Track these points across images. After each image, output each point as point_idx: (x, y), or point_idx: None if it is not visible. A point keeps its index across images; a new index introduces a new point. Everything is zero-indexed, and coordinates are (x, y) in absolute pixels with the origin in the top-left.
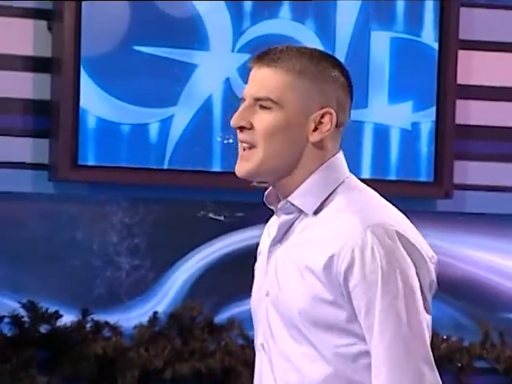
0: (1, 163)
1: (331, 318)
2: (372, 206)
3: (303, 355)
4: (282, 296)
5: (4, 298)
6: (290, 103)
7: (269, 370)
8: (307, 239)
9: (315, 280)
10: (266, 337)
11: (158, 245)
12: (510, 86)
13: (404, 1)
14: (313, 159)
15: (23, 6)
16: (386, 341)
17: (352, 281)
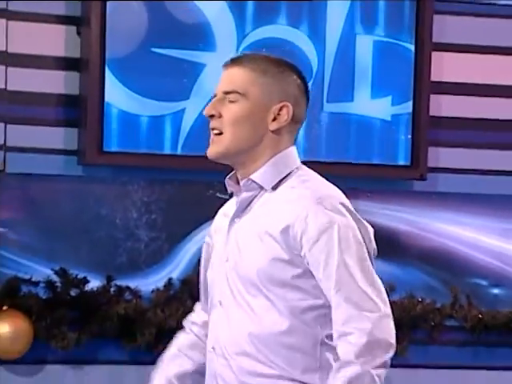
0: (37, 149)
1: (286, 276)
2: (320, 184)
3: (259, 307)
4: (242, 259)
5: (40, 266)
6: (253, 96)
7: (225, 323)
8: (266, 211)
9: (274, 243)
10: (224, 294)
11: (172, 219)
12: (477, 83)
13: (385, 8)
14: (271, 146)
15: (56, 13)
16: (342, 290)
17: (308, 243)
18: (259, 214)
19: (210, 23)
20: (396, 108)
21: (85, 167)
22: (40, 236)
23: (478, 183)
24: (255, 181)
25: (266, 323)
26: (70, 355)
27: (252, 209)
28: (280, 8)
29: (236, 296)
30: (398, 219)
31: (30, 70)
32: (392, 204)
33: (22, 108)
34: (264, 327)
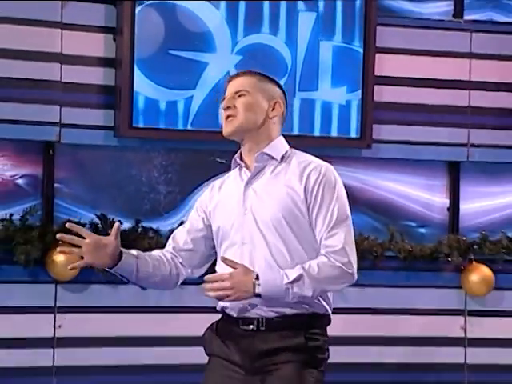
0: (83, 125)
1: (297, 218)
2: (310, 156)
3: (277, 248)
4: (266, 206)
5: (86, 212)
6: (256, 93)
7: (248, 260)
8: (280, 173)
9: (291, 191)
10: (244, 238)
11: (183, 178)
12: (410, 77)
13: (341, 21)
14: (269, 132)
15: (98, 25)
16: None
17: (312, 192)
18: (276, 177)
19: (212, 32)
20: (349, 95)
21: (119, 139)
22: (86, 190)
23: (410, 151)
24: (268, 153)
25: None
26: (108, 277)
27: (264, 175)
28: (263, 21)
29: (257, 242)
30: (351, 178)
31: (78, 67)
32: (346, 166)
33: (73, 95)
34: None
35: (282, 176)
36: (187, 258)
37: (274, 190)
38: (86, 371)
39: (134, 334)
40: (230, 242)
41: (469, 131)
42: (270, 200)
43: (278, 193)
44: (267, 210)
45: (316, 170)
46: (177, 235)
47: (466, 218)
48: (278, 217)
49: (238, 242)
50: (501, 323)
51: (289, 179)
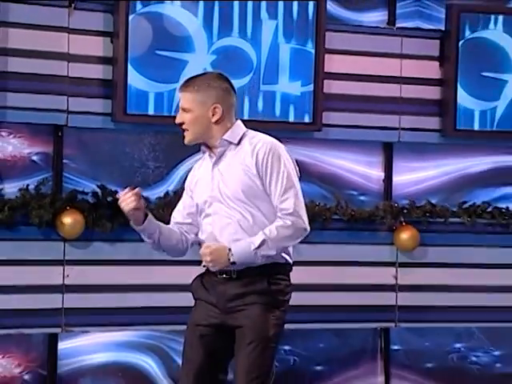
0: (86, 112)
1: (254, 190)
2: (263, 136)
3: (241, 216)
4: (228, 184)
5: (89, 182)
6: (196, 108)
7: (218, 228)
8: (238, 155)
9: (248, 168)
10: (215, 210)
11: (168, 155)
12: (353, 73)
13: (296, 28)
14: (220, 128)
15: (98, 29)
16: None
17: (264, 167)
18: (235, 157)
19: (191, 35)
20: (303, 88)
21: (115, 123)
22: (88, 165)
23: (353, 134)
24: (227, 139)
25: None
26: (108, 236)
27: (226, 157)
28: (233, 26)
29: (221, 210)
30: (305, 155)
31: (82, 64)
32: (301, 146)
33: (77, 87)
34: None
35: (238, 156)
36: (189, 229)
37: (234, 169)
38: (89, 312)
39: (129, 282)
40: (205, 213)
41: (400, 117)
42: (231, 178)
43: (236, 171)
44: (229, 186)
45: (263, 146)
46: (175, 214)
47: (398, 187)
48: (238, 192)
49: (211, 213)
50: (425, 272)
51: (243, 158)
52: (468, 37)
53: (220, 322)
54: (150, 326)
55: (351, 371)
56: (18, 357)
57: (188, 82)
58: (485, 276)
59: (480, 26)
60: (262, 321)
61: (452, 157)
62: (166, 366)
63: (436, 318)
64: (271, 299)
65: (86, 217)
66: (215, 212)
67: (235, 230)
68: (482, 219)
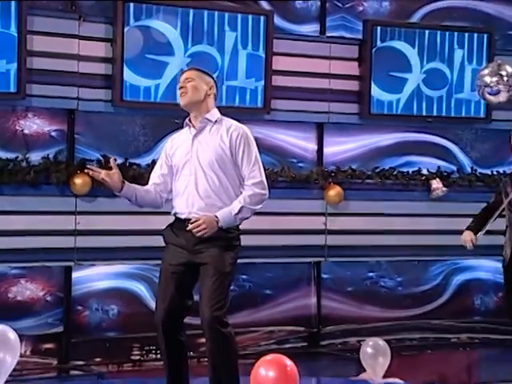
0: (92, 99)
1: (226, 163)
2: (234, 121)
3: (210, 180)
4: (205, 152)
5: (94, 152)
6: (198, 79)
7: (193, 185)
8: (214, 132)
9: (223, 143)
10: (191, 171)
11: (154, 131)
12: (294, 70)
13: (251, 38)
14: (209, 103)
15: (101, 36)
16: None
17: (237, 146)
18: (211, 133)
19: (171, 43)
20: (257, 83)
21: (114, 108)
22: (94, 139)
23: (294, 116)
24: (207, 118)
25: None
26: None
27: (205, 132)
28: (204, 37)
29: (200, 173)
30: (259, 132)
31: (89, 63)
32: (256, 126)
33: (85, 80)
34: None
35: (215, 133)
36: (163, 188)
37: (211, 142)
38: (95, 250)
39: (126, 228)
40: (181, 173)
41: (329, 104)
42: (208, 148)
43: (213, 144)
44: (206, 154)
45: (236, 129)
46: (152, 175)
47: (327, 157)
48: (212, 159)
49: (187, 173)
50: (347, 220)
51: (220, 135)
52: (379, 45)
53: (187, 261)
54: (141, 260)
55: (292, 294)
56: (42, 283)
57: (192, 67)
58: (391, 223)
59: (388, 37)
60: (221, 260)
61: (367, 134)
62: (152, 290)
63: (355, 253)
64: (227, 243)
65: (93, 178)
66: (191, 173)
67: (205, 188)
68: (389, 180)
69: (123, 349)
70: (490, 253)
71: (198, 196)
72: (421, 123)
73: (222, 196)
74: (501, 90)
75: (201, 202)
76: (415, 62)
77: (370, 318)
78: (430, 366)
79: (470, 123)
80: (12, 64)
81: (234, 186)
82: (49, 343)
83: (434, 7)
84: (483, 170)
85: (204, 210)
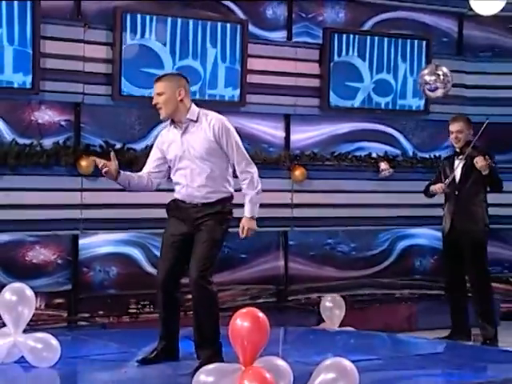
0: (96, 94)
1: (214, 153)
2: (214, 113)
3: (203, 170)
4: (194, 147)
5: (97, 139)
6: (168, 91)
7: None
8: (198, 128)
9: (209, 136)
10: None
11: (147, 121)
12: (267, 70)
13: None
14: (183, 106)
15: (103, 41)
16: (237, 153)
17: (220, 137)
18: (196, 130)
19: (162, 58)
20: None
21: (114, 101)
22: (97, 128)
23: (266, 108)
24: (189, 118)
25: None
26: None
27: (189, 130)
28: (189, 53)
29: (193, 165)
30: (236, 123)
31: (92, 63)
32: (234, 116)
33: (90, 78)
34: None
35: (200, 129)
36: (155, 175)
37: (197, 138)
38: (98, 221)
39: (124, 202)
40: (177, 167)
41: (295, 99)
42: (196, 144)
43: (199, 139)
44: (196, 149)
45: (216, 121)
46: (146, 165)
47: (293, 143)
48: (202, 153)
49: (183, 167)
50: (310, 196)
51: (204, 130)
52: (336, 49)
53: (186, 232)
54: (137, 229)
55: (264, 258)
56: (53, 248)
57: (160, 76)
58: (346, 198)
59: (344, 42)
60: (214, 229)
61: (326, 124)
62: (146, 255)
63: (316, 224)
64: (221, 217)
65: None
66: (186, 167)
67: (201, 179)
68: (345, 162)
69: (122, 303)
70: (427, 223)
71: (196, 187)
72: (371, 115)
73: (217, 182)
74: (438, 87)
75: (198, 192)
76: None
77: (328, 278)
78: (377, 317)
79: (412, 115)
80: (28, 64)
81: (225, 171)
82: (59, 299)
83: (381, 18)
84: (422, 154)
85: (202, 199)
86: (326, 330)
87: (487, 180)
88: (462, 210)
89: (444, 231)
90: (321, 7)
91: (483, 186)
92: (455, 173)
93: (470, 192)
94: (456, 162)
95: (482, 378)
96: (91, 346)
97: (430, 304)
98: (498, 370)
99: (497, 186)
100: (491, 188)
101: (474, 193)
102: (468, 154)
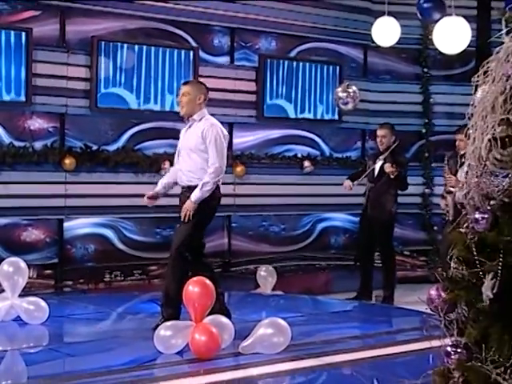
0: (77, 106)
1: (199, 147)
2: (212, 120)
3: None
4: (189, 141)
5: (78, 142)
6: (191, 94)
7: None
8: (197, 128)
9: (199, 135)
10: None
11: (119, 127)
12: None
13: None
14: (198, 109)
15: (85, 64)
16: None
17: (205, 138)
18: (195, 128)
19: (131, 78)
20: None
21: (91, 112)
22: (77, 133)
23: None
24: (194, 118)
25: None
26: (88, 169)
27: (192, 127)
28: (151, 76)
29: (185, 156)
30: None
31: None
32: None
33: (72, 93)
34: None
35: (197, 128)
36: None
37: (192, 135)
38: (79, 208)
39: (100, 192)
40: (180, 155)
41: (235, 111)
42: (191, 138)
43: (193, 136)
44: (189, 143)
45: (206, 126)
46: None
47: (236, 145)
48: (192, 147)
49: (181, 156)
50: (248, 188)
51: (198, 130)
52: (268, 71)
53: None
54: (110, 214)
55: (212, 236)
56: (43, 230)
57: (188, 81)
58: (277, 189)
59: (275, 66)
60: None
61: (262, 130)
62: (117, 235)
63: (253, 210)
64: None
65: (77, 160)
66: (182, 155)
67: (190, 167)
68: (276, 161)
69: (98, 274)
70: (340, 209)
71: (185, 172)
72: (297, 123)
73: (198, 173)
74: (349, 102)
75: (184, 176)
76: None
77: (263, 252)
78: (301, 283)
79: (329, 124)
80: (22, 82)
81: (206, 166)
82: (48, 270)
83: (304, 47)
84: (337, 155)
85: (186, 182)
86: (261, 293)
87: (395, 181)
88: (376, 198)
89: (362, 215)
90: (257, 38)
91: (394, 183)
92: (375, 168)
93: (382, 185)
94: (377, 160)
95: (381, 329)
96: (73, 308)
97: (342, 272)
98: (393, 322)
99: (401, 188)
100: (397, 187)
101: (386, 186)
102: (386, 156)
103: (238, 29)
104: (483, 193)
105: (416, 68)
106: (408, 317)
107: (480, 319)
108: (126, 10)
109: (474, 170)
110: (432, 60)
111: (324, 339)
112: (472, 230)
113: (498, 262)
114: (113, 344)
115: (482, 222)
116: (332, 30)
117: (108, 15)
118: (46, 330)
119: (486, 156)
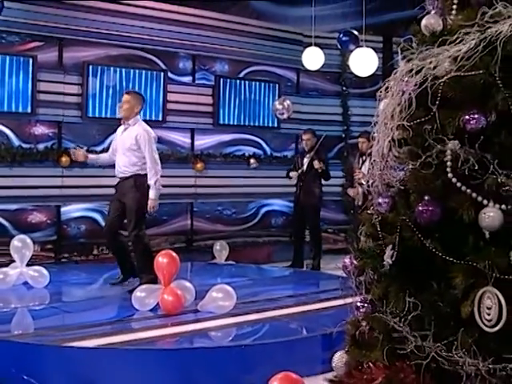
0: (71, 116)
1: (134, 149)
2: (144, 125)
3: (126, 157)
4: (125, 142)
5: (71, 144)
6: (131, 102)
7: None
8: (131, 131)
9: (133, 139)
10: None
11: (104, 132)
12: (178, 101)
13: (155, 82)
14: (134, 115)
15: (78, 82)
16: (151, 156)
17: (139, 141)
18: (129, 132)
19: (115, 91)
20: (157, 113)
21: (83, 120)
22: (72, 137)
23: (180, 125)
24: (128, 123)
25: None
26: (81, 165)
27: (127, 130)
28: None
29: (121, 154)
30: (158, 132)
31: (70, 97)
32: (157, 129)
33: (68, 105)
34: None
35: (131, 131)
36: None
37: (127, 138)
38: (74, 197)
39: (90, 184)
40: (117, 152)
41: (197, 119)
42: (127, 140)
43: (128, 139)
44: (124, 145)
45: (139, 130)
46: (110, 149)
47: (196, 146)
48: (127, 147)
49: (118, 154)
50: (207, 180)
51: (133, 133)
52: (222, 88)
53: (118, 199)
54: (98, 201)
55: (178, 219)
56: (45, 214)
57: (129, 92)
58: (230, 181)
59: (228, 84)
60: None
61: (217, 134)
62: (104, 217)
63: (210, 198)
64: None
65: (71, 158)
66: (119, 153)
67: (123, 162)
68: (229, 159)
69: (88, 248)
70: (279, 196)
71: (121, 166)
72: (244, 129)
73: (130, 167)
74: (284, 113)
75: (120, 170)
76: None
77: (218, 231)
78: (249, 255)
79: (270, 129)
80: (29, 97)
81: (139, 162)
82: (49, 245)
83: (251, 69)
84: (276, 154)
85: (122, 174)
86: (216, 263)
87: (320, 174)
88: (306, 188)
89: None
90: (213, 62)
91: (319, 175)
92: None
93: (310, 178)
94: (304, 158)
95: (310, 289)
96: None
97: (280, 246)
98: (320, 285)
99: (325, 179)
100: (322, 178)
101: (313, 179)
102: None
103: (198, 55)
104: (385, 182)
105: (337, 87)
106: (330, 280)
107: (382, 280)
108: (110, 40)
109: (378, 165)
110: (349, 81)
111: (266, 298)
112: (376, 212)
113: (395, 236)
114: (100, 303)
115: (383, 205)
116: (272, 56)
117: (96, 44)
118: (48, 292)
119: (387, 154)
